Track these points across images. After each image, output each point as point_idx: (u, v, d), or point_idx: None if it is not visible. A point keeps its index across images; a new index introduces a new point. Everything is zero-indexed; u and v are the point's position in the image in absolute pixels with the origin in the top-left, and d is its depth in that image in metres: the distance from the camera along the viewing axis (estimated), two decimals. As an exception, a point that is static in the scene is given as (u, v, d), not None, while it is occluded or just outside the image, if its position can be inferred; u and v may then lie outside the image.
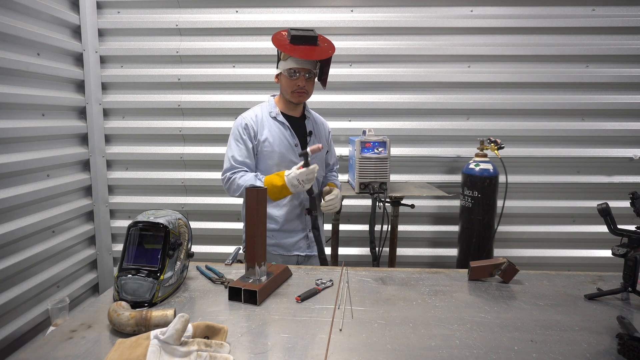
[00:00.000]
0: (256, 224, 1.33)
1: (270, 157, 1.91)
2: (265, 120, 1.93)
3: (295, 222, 1.97)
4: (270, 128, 1.92)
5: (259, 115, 1.93)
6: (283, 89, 1.93)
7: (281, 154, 1.91)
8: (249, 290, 1.30)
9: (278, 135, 1.91)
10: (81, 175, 3.00)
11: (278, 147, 1.90)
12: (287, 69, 1.84)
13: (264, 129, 1.91)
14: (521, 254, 3.19)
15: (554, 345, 1.10)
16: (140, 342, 0.96)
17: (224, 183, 1.90)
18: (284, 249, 1.97)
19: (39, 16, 2.55)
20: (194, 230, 1.62)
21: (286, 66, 1.83)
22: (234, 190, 1.87)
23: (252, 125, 1.90)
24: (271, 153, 1.90)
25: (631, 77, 3.02)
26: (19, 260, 2.34)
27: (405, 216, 3.03)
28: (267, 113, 1.95)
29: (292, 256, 1.99)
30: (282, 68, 1.86)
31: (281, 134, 1.92)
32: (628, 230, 1.38)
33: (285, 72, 1.85)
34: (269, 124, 1.92)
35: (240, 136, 1.89)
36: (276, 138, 1.91)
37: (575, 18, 2.98)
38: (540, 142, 3.12)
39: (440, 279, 1.55)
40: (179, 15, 3.04)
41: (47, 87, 2.64)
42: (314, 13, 3.03)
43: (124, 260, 1.31)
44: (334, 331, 1.15)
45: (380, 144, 2.59)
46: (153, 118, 3.14)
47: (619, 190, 3.10)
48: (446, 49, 3.04)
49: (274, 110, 1.95)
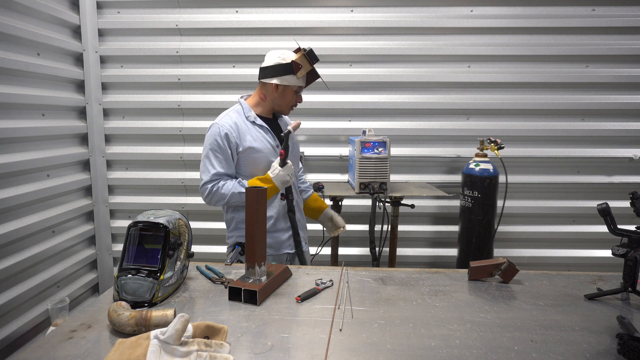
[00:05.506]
0: (256, 224, 1.33)
1: (256, 162, 1.89)
2: (244, 127, 1.88)
3: (282, 221, 1.98)
4: (252, 134, 1.88)
5: (238, 122, 1.87)
6: (279, 100, 1.91)
7: (266, 158, 1.90)
8: (249, 290, 1.30)
9: (261, 139, 1.90)
10: (81, 175, 3.00)
11: (264, 152, 1.89)
12: (298, 85, 1.88)
13: (245, 135, 1.87)
14: (521, 254, 3.19)
15: (554, 345, 1.10)
16: (140, 342, 0.96)
17: (204, 195, 1.87)
18: (273, 248, 1.98)
19: (39, 16, 2.55)
20: (194, 230, 1.62)
21: (297, 83, 1.87)
22: (218, 199, 1.86)
23: (232, 133, 1.84)
24: (258, 159, 1.89)
25: (631, 77, 3.02)
26: (19, 260, 2.34)
27: (405, 216, 3.02)
28: (243, 118, 1.91)
29: (282, 255, 2.01)
30: (291, 82, 1.85)
31: (263, 138, 1.91)
32: (628, 230, 1.38)
33: (295, 87, 1.88)
34: (250, 130, 1.88)
35: (219, 146, 1.83)
36: (260, 143, 1.89)
37: (575, 18, 2.98)
38: (540, 142, 3.12)
39: (440, 279, 1.55)
40: (179, 15, 3.04)
41: (47, 87, 2.64)
42: (314, 13, 3.03)
43: (124, 260, 1.31)
44: (334, 331, 1.15)
45: (380, 144, 2.59)
46: (153, 118, 3.14)
47: (619, 190, 3.10)
48: (446, 49, 3.04)
49: (250, 115, 1.91)
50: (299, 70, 1.84)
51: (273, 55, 1.88)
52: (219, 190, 1.84)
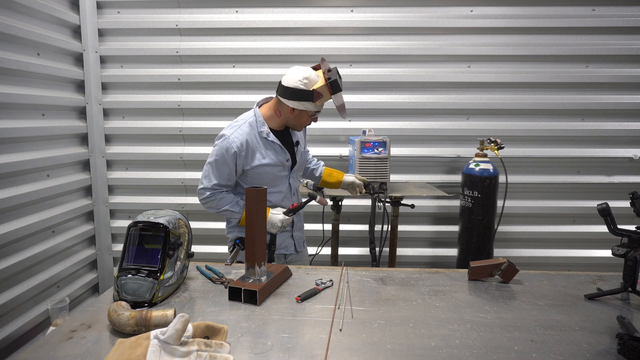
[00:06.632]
0: (256, 224, 1.33)
1: (262, 177, 1.89)
2: (255, 144, 1.85)
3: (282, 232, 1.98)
4: (262, 151, 1.87)
5: (249, 140, 1.84)
6: (293, 121, 1.89)
7: (273, 173, 1.91)
8: (249, 290, 1.30)
9: (271, 156, 1.88)
10: (81, 175, 3.00)
11: (272, 169, 1.89)
12: (315, 111, 1.86)
13: (255, 154, 1.85)
14: (521, 254, 3.19)
15: (554, 345, 1.10)
16: (140, 342, 0.96)
17: (201, 197, 1.88)
18: None
19: (39, 16, 2.55)
20: (194, 230, 1.62)
21: (315, 109, 1.84)
22: (211, 207, 1.88)
23: (241, 153, 1.82)
24: (263, 174, 1.89)
25: (631, 77, 3.02)
26: (19, 260, 2.34)
27: (405, 216, 3.02)
28: (256, 132, 1.87)
29: (279, 255, 2.02)
30: (308, 108, 1.82)
31: (274, 154, 1.89)
32: (628, 230, 1.38)
33: (311, 112, 1.86)
34: (260, 147, 1.87)
35: (225, 161, 1.82)
36: (269, 159, 1.88)
37: (575, 18, 2.97)
38: (540, 142, 3.12)
39: (440, 279, 1.55)
40: (179, 15, 3.04)
41: (47, 87, 2.64)
42: (314, 13, 3.03)
43: (124, 260, 1.31)
44: (334, 331, 1.15)
45: (380, 144, 2.59)
46: (153, 118, 3.14)
47: (619, 190, 3.10)
48: (446, 49, 3.04)
49: (264, 130, 1.87)
50: (318, 99, 1.79)
51: (296, 75, 1.79)
52: (216, 200, 1.86)
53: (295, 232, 2.07)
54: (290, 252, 2.07)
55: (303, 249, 2.16)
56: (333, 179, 2.26)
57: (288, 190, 1.98)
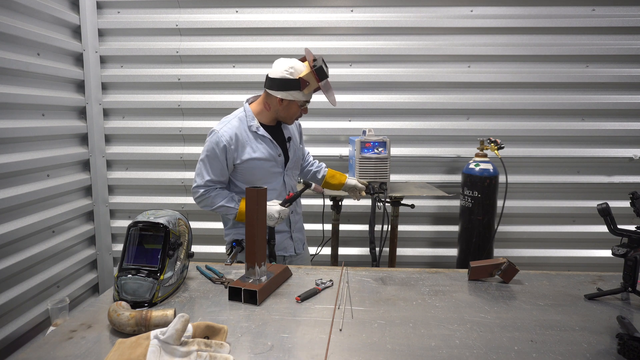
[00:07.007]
0: (256, 224, 1.33)
1: (253, 172, 1.89)
2: (245, 137, 1.85)
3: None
4: (253, 145, 1.86)
5: (238, 134, 1.84)
6: (283, 113, 1.88)
7: (265, 169, 1.90)
8: (249, 290, 1.30)
9: (261, 150, 1.87)
10: (81, 175, 3.00)
11: (263, 163, 1.88)
12: (303, 100, 1.86)
13: (245, 147, 1.85)
14: (521, 254, 3.19)
15: (554, 345, 1.10)
16: (140, 342, 0.96)
17: (195, 196, 1.88)
18: None
19: (39, 16, 2.55)
20: (194, 230, 1.62)
21: (303, 98, 1.84)
22: (206, 205, 1.88)
23: (230, 146, 1.82)
24: (256, 169, 1.88)
25: (631, 77, 3.02)
26: (19, 260, 2.34)
27: (405, 216, 3.02)
28: (245, 126, 1.87)
29: (278, 257, 2.00)
30: (296, 97, 1.81)
31: (264, 149, 1.88)
32: (628, 230, 1.38)
33: (300, 102, 1.86)
34: (250, 141, 1.86)
35: (216, 155, 1.82)
36: (260, 154, 1.87)
37: (575, 18, 2.97)
38: (540, 142, 3.12)
39: (440, 279, 1.55)
40: (179, 15, 3.04)
41: (47, 87, 2.64)
42: (314, 13, 3.03)
43: (124, 260, 1.31)
44: (334, 331, 1.15)
45: (380, 144, 2.59)
46: (153, 118, 3.14)
47: (619, 190, 3.10)
48: (446, 49, 3.04)
49: (253, 124, 1.87)
50: (305, 87, 1.79)
51: (281, 65, 1.80)
52: (210, 198, 1.86)
53: (294, 232, 2.05)
54: (290, 253, 2.05)
55: (303, 251, 2.13)
56: (335, 181, 2.26)
57: (283, 188, 1.97)
